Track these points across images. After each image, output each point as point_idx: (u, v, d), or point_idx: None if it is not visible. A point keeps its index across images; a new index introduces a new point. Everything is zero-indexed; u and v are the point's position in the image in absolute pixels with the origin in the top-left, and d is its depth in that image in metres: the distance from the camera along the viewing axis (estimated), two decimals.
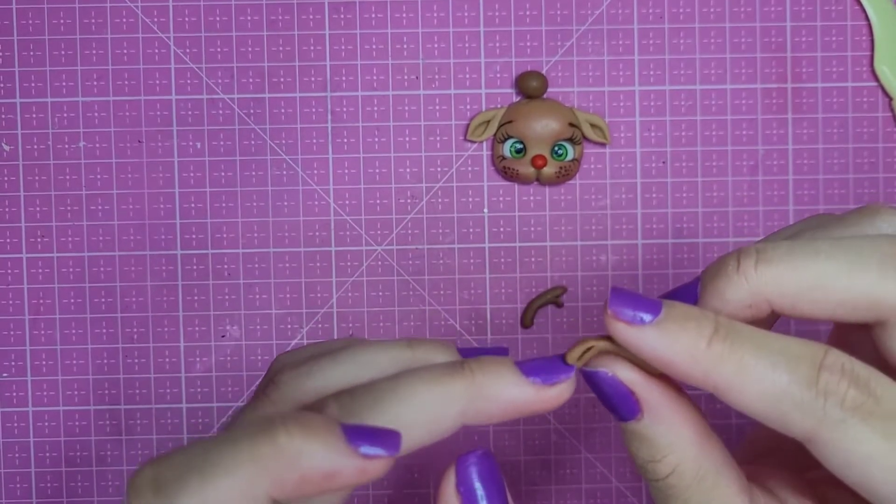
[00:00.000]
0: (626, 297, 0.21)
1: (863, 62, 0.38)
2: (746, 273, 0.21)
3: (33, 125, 0.38)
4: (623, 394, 0.22)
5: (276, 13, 0.38)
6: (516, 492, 0.38)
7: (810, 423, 0.20)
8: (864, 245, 0.21)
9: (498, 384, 0.21)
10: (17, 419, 0.38)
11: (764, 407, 0.20)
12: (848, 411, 0.20)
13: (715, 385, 0.20)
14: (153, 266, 0.38)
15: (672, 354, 0.20)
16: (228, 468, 0.18)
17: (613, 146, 0.38)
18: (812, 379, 0.20)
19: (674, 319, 0.20)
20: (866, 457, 0.20)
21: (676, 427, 0.22)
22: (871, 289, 0.20)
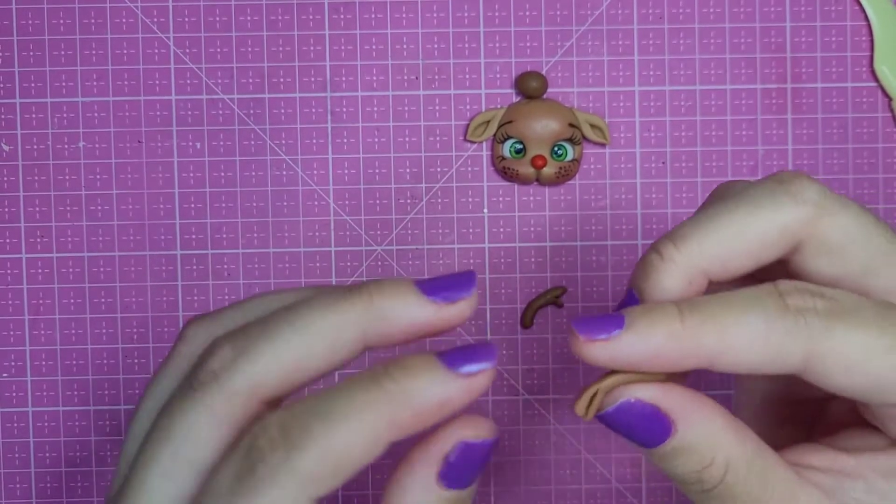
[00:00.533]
0: (588, 321, 0.21)
1: (862, 62, 0.38)
2: (672, 257, 0.22)
3: (33, 125, 0.38)
4: (651, 414, 0.21)
5: (276, 13, 0.38)
6: (516, 492, 0.38)
7: (802, 344, 0.21)
8: (749, 191, 0.22)
9: (397, 305, 0.21)
10: (16, 419, 0.38)
11: (757, 353, 0.21)
12: (825, 318, 0.21)
13: (707, 355, 0.21)
14: (153, 266, 0.38)
15: (658, 346, 0.21)
16: (348, 415, 0.19)
17: (613, 146, 0.38)
18: (782, 306, 0.21)
19: (640, 316, 0.21)
20: (862, 352, 0.21)
21: (711, 423, 0.21)
22: (775, 219, 0.22)
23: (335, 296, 0.21)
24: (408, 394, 0.20)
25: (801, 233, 0.22)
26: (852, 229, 0.22)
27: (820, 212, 0.22)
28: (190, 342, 0.23)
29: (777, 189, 0.22)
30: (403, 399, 0.20)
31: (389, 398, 0.20)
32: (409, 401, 0.20)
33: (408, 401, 0.20)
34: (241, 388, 0.20)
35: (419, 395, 0.20)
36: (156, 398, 0.23)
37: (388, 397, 0.20)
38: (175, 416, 0.20)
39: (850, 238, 0.22)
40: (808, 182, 0.23)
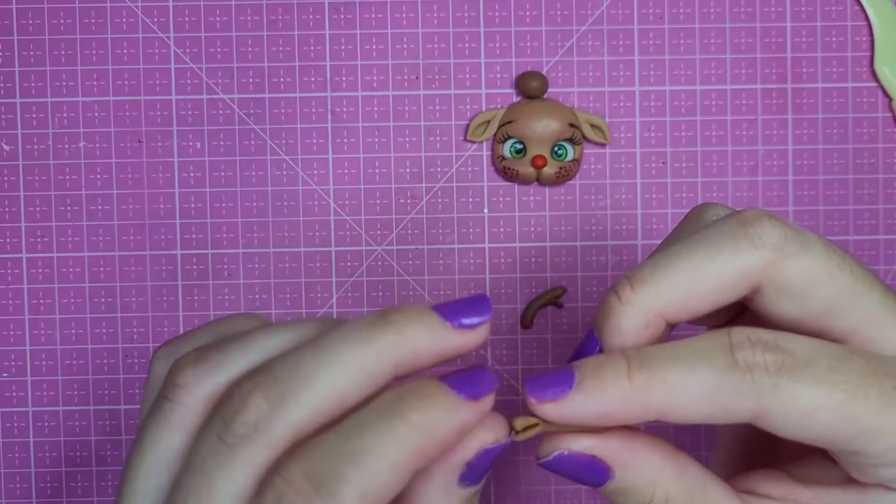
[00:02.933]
0: (540, 380, 0.22)
1: (863, 62, 0.38)
2: (629, 300, 0.22)
3: (33, 125, 0.38)
4: (586, 463, 0.22)
5: (276, 13, 0.38)
6: (516, 492, 0.38)
7: (750, 401, 0.21)
8: (709, 232, 0.22)
9: (425, 334, 0.21)
10: (17, 419, 0.38)
11: (704, 409, 0.21)
12: (775, 375, 0.21)
13: (656, 411, 0.21)
14: (153, 266, 0.38)
15: (604, 407, 0.21)
16: (380, 454, 0.19)
17: (613, 146, 0.38)
18: (731, 362, 0.21)
19: (589, 375, 0.21)
20: (811, 409, 0.21)
21: (647, 461, 0.22)
22: (733, 263, 0.22)
23: (364, 329, 0.21)
24: (432, 424, 0.20)
25: (760, 277, 0.22)
26: (814, 271, 0.22)
27: (779, 255, 0.22)
28: (191, 391, 0.21)
29: (737, 232, 0.22)
30: (429, 429, 0.20)
31: (415, 430, 0.20)
32: (434, 431, 0.20)
33: (433, 431, 0.20)
34: (284, 435, 0.20)
35: (442, 424, 0.20)
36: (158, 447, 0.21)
37: (414, 429, 0.20)
38: (214, 473, 0.19)
39: (812, 279, 0.22)
40: (769, 224, 0.22)
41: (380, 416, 0.20)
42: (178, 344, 0.23)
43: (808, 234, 0.22)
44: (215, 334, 0.23)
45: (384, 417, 0.20)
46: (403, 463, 0.20)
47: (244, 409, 0.20)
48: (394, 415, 0.20)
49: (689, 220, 0.25)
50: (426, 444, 0.20)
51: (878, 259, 0.38)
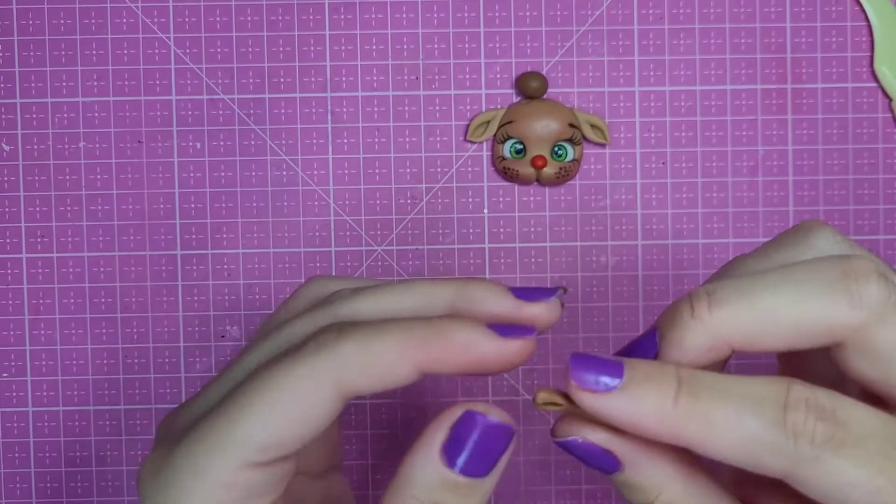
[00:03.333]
0: (587, 362, 0.21)
1: (863, 63, 0.38)
2: (702, 317, 0.21)
3: (33, 125, 0.38)
4: (598, 454, 0.22)
5: (276, 13, 0.38)
6: (516, 492, 0.38)
7: (785, 463, 0.20)
8: (808, 271, 0.21)
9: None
10: (16, 419, 0.38)
11: (737, 455, 0.20)
12: (819, 447, 0.20)
13: (686, 442, 0.21)
14: (153, 266, 0.38)
15: (640, 419, 0.21)
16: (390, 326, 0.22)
17: (613, 147, 0.38)
18: (780, 420, 0.20)
19: (637, 382, 0.21)
20: (845, 486, 0.20)
21: (659, 468, 0.22)
22: (822, 314, 0.21)
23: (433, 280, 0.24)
24: (445, 327, 0.22)
25: (847, 335, 0.21)
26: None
27: (875, 319, 0.21)
28: (338, 307, 0.24)
29: (838, 282, 0.21)
30: (440, 328, 0.22)
31: (427, 326, 0.22)
32: (444, 332, 0.22)
33: (444, 331, 0.22)
34: (344, 313, 0.24)
35: (455, 331, 0.22)
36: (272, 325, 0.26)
37: (427, 325, 0.22)
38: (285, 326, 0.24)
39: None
40: (875, 284, 0.21)
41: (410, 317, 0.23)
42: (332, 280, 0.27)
43: None
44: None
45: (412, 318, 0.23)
46: (405, 340, 0.21)
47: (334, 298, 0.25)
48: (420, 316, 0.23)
49: (792, 238, 0.24)
50: (433, 337, 0.21)
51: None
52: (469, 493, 0.22)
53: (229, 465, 0.22)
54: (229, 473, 0.22)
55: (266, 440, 0.22)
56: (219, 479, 0.22)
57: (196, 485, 0.22)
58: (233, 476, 0.22)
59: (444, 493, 0.22)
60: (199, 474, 0.22)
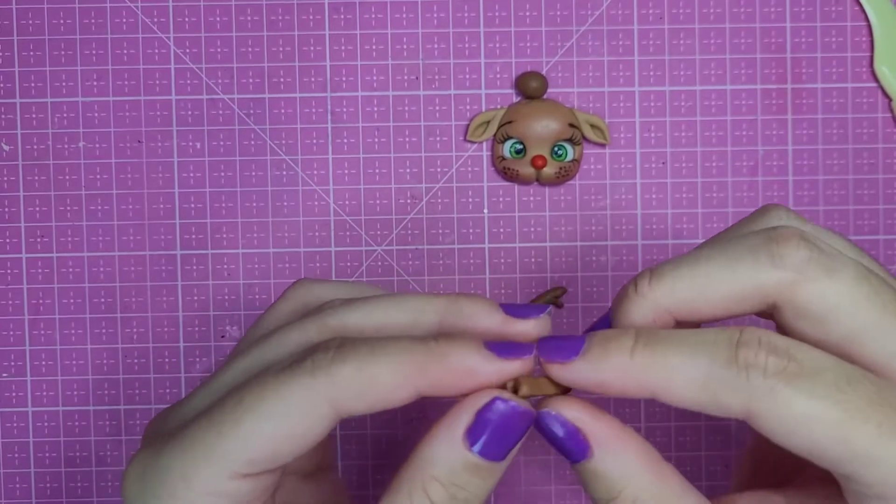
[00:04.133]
0: (553, 342, 0.23)
1: (862, 63, 0.38)
2: (643, 291, 0.23)
3: (33, 125, 0.38)
4: (571, 432, 0.22)
5: (276, 13, 0.38)
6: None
7: (741, 398, 0.21)
8: (737, 242, 0.23)
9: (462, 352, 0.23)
10: (16, 419, 0.38)
11: (696, 396, 0.21)
12: (772, 378, 0.21)
13: (650, 390, 0.22)
14: (153, 266, 0.38)
15: (603, 376, 0.22)
16: (389, 350, 0.22)
17: (613, 147, 0.38)
18: (731, 357, 0.21)
19: (596, 345, 0.22)
20: (803, 418, 0.20)
21: (627, 458, 0.22)
22: (751, 278, 0.22)
23: (423, 294, 0.25)
24: (444, 352, 0.22)
25: (776, 296, 0.22)
26: (836, 298, 0.22)
27: (798, 278, 0.22)
28: (329, 316, 0.25)
29: (761, 247, 0.22)
30: (439, 353, 0.22)
31: (427, 349, 0.22)
32: (443, 357, 0.22)
33: (442, 356, 0.22)
34: (334, 324, 0.24)
35: (454, 356, 0.22)
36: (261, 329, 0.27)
37: (426, 349, 0.22)
38: (274, 334, 0.25)
39: (832, 307, 0.22)
40: (795, 245, 0.22)
41: (410, 337, 0.23)
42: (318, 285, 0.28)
43: (841, 259, 0.22)
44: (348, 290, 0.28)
45: (412, 338, 0.23)
46: (402, 365, 0.22)
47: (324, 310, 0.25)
48: (419, 339, 0.23)
49: (749, 220, 0.25)
50: (432, 363, 0.22)
51: (877, 260, 0.38)
52: (487, 476, 0.22)
53: (218, 474, 0.22)
54: (218, 483, 0.22)
55: (256, 455, 0.22)
56: (207, 488, 0.22)
57: (184, 491, 0.22)
58: (221, 485, 0.22)
59: (465, 475, 0.22)
60: (187, 480, 0.22)
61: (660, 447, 0.31)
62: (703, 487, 0.37)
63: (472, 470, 0.22)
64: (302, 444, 0.22)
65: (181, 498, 0.22)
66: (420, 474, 0.22)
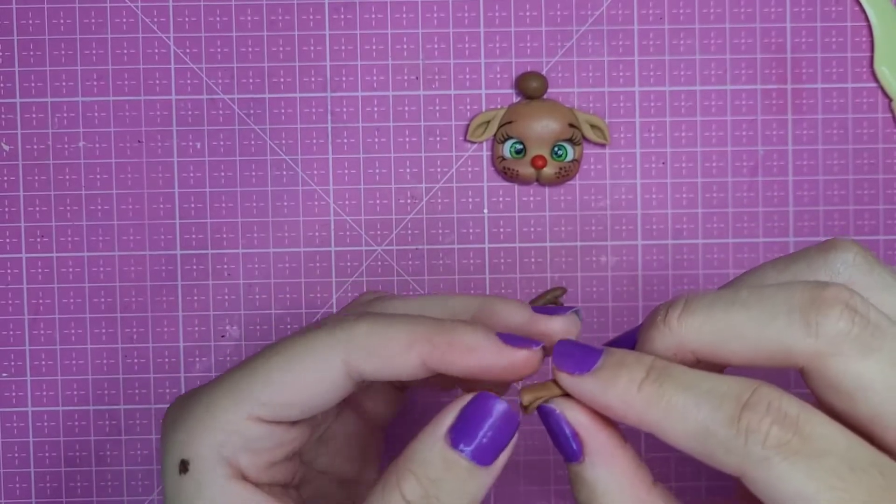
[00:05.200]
0: (570, 347, 0.23)
1: (863, 63, 0.38)
2: (671, 324, 0.22)
3: (33, 125, 0.37)
4: (569, 434, 0.22)
5: (276, 13, 0.38)
6: (515, 493, 0.38)
7: (735, 461, 0.20)
8: (777, 294, 0.21)
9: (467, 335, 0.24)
10: (16, 419, 0.38)
11: (691, 445, 0.21)
12: (770, 450, 0.20)
13: (647, 426, 0.21)
14: (153, 266, 0.38)
15: (607, 400, 0.22)
16: (399, 318, 0.24)
17: (613, 147, 0.38)
18: (734, 417, 0.20)
19: (608, 367, 0.22)
20: (794, 495, 0.20)
21: (614, 474, 0.22)
22: (780, 338, 0.21)
23: (459, 295, 0.27)
24: (452, 326, 0.23)
25: (805, 363, 0.21)
26: (869, 378, 0.20)
27: (831, 351, 0.20)
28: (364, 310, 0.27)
29: (801, 308, 0.21)
30: (447, 327, 0.23)
31: (436, 322, 0.23)
32: (451, 331, 0.23)
33: (450, 330, 0.23)
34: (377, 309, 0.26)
35: (461, 333, 0.23)
36: None
37: (436, 322, 0.23)
38: None
39: (863, 387, 0.20)
40: (838, 315, 0.20)
41: None
42: None
43: (884, 334, 0.20)
44: None
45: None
46: (411, 332, 0.23)
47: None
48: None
49: (814, 253, 0.24)
50: (438, 334, 0.23)
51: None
52: (467, 478, 0.22)
53: (238, 411, 0.24)
54: (236, 419, 0.24)
55: (270, 397, 0.23)
56: (226, 421, 0.24)
57: (206, 421, 0.24)
58: (238, 423, 0.24)
59: (443, 472, 0.22)
60: (211, 412, 0.24)
61: (660, 475, 0.31)
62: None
63: (450, 469, 0.22)
64: (315, 397, 0.24)
65: (203, 426, 0.24)
66: (399, 469, 0.23)
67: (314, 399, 0.24)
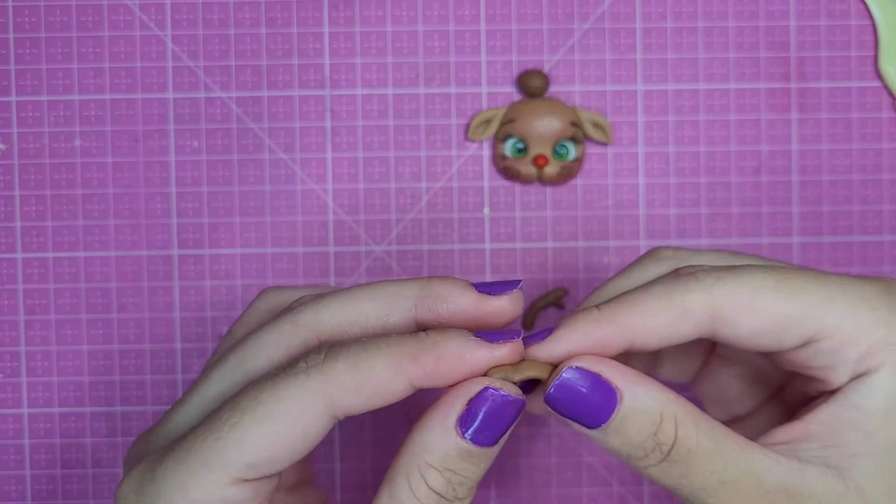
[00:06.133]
0: (532, 335, 0.25)
1: (867, 62, 0.38)
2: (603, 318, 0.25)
3: (29, 123, 0.37)
4: (595, 383, 0.23)
5: (275, 10, 0.37)
6: (517, 496, 0.38)
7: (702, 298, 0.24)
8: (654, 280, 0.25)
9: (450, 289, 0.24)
10: (12, 421, 0.37)
11: (666, 317, 0.24)
12: (714, 273, 0.24)
13: (626, 331, 0.24)
14: (149, 266, 0.37)
15: (582, 333, 0.24)
16: (380, 346, 0.23)
17: (616, 146, 0.37)
18: (677, 275, 0.24)
19: (565, 320, 0.24)
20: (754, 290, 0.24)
21: (651, 386, 0.23)
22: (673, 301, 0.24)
23: (395, 281, 0.25)
24: (435, 340, 0.23)
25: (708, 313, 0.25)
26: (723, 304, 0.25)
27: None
28: (304, 315, 0.25)
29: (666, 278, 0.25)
30: (430, 343, 0.23)
31: (417, 340, 0.23)
32: (435, 345, 0.23)
33: (434, 345, 0.23)
34: (308, 320, 0.24)
35: (445, 343, 0.23)
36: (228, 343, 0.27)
37: (417, 341, 0.23)
38: (248, 339, 0.25)
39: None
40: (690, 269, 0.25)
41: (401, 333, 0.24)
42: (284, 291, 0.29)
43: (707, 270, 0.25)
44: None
45: (403, 334, 0.24)
46: (396, 359, 0.23)
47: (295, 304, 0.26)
48: (409, 334, 0.24)
49: (641, 259, 0.28)
50: (423, 353, 0.23)
51: (882, 260, 0.38)
52: (479, 461, 0.23)
53: (218, 481, 0.22)
54: (217, 489, 0.22)
55: (256, 458, 0.22)
56: (207, 496, 0.22)
57: (184, 502, 0.22)
58: (221, 492, 0.22)
59: (458, 461, 0.23)
60: (187, 492, 0.22)
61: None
62: None
63: (464, 456, 0.23)
64: (300, 446, 0.23)
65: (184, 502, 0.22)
66: (416, 461, 0.23)
67: (299, 449, 0.23)
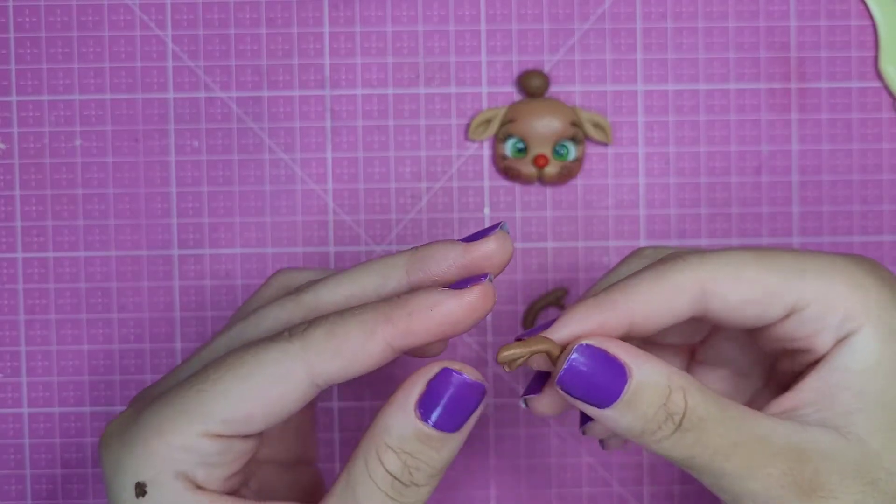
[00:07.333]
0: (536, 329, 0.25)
1: (867, 62, 0.38)
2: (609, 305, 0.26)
3: (29, 123, 0.37)
4: (604, 361, 0.24)
5: (275, 10, 0.37)
6: (517, 496, 0.38)
7: (690, 276, 0.24)
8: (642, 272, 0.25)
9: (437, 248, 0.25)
10: (12, 420, 0.37)
11: (658, 295, 0.24)
12: (698, 254, 0.25)
13: (623, 312, 0.24)
14: (149, 266, 0.37)
15: (583, 315, 0.24)
16: (355, 311, 0.24)
17: (616, 146, 0.37)
18: (663, 259, 0.25)
19: (570, 308, 0.25)
20: (738, 265, 0.24)
21: (656, 361, 0.24)
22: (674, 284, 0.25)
23: (388, 255, 0.26)
24: (406, 298, 0.23)
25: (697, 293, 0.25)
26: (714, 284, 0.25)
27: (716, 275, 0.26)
28: (307, 296, 0.26)
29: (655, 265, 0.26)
30: (402, 301, 0.23)
31: (390, 301, 0.24)
32: (406, 303, 0.23)
33: (405, 303, 0.23)
34: (308, 300, 0.25)
35: (414, 299, 0.23)
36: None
37: (389, 302, 0.23)
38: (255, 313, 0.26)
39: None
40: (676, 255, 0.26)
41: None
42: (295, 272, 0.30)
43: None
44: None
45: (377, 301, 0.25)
46: (370, 320, 0.23)
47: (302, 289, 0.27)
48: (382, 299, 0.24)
49: (627, 259, 0.29)
50: (396, 311, 0.23)
51: (882, 260, 0.37)
52: (439, 447, 0.24)
53: (193, 430, 0.23)
54: (190, 438, 0.23)
55: (233, 413, 0.23)
56: (180, 442, 0.24)
57: (157, 445, 0.24)
58: (192, 441, 0.23)
59: (417, 444, 0.23)
60: (162, 435, 0.24)
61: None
62: None
63: (423, 439, 0.23)
64: (277, 408, 0.23)
65: (154, 451, 0.24)
66: (375, 442, 0.24)
67: (276, 412, 0.24)
